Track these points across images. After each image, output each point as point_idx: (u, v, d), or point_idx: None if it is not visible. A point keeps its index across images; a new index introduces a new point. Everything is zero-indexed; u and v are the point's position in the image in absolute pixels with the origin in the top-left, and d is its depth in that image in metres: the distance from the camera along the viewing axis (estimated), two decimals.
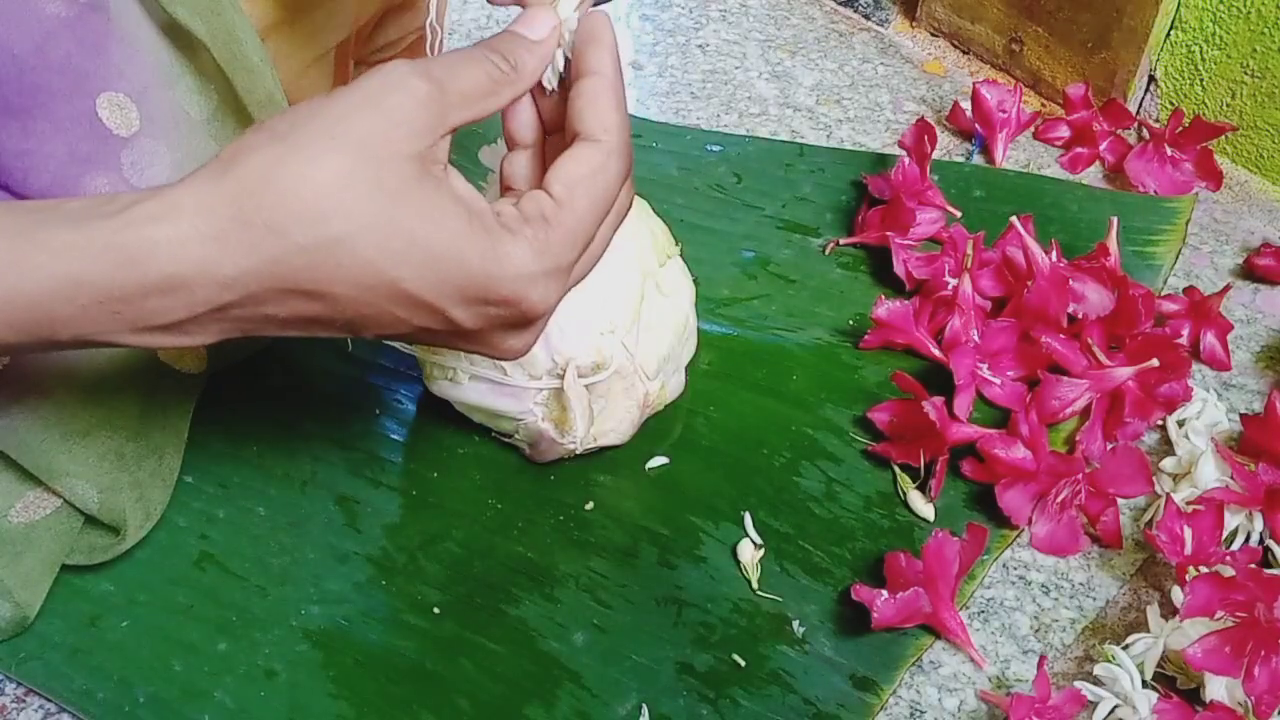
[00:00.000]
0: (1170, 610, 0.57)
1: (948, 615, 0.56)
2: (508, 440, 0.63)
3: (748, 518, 0.62)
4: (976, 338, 0.66)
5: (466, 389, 0.60)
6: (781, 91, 0.89)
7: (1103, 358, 0.65)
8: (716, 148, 0.82)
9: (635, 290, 0.60)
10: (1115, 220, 0.70)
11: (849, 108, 0.89)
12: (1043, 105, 0.89)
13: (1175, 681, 0.55)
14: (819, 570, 0.60)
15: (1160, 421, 0.66)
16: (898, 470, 0.63)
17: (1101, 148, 0.83)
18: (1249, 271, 0.76)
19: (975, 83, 0.84)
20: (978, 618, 0.59)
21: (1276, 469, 0.61)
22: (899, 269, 0.71)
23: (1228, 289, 0.69)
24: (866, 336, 0.69)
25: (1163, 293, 0.72)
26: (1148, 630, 0.56)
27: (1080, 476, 0.60)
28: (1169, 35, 0.83)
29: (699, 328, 0.65)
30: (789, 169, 0.81)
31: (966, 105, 0.85)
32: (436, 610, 0.58)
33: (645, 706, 0.55)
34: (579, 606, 0.58)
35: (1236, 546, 0.60)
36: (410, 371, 0.64)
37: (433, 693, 0.55)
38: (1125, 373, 0.64)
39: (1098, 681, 0.54)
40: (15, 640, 0.56)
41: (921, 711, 0.56)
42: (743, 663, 0.56)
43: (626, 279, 0.60)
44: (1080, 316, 0.67)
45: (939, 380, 0.65)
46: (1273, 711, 0.51)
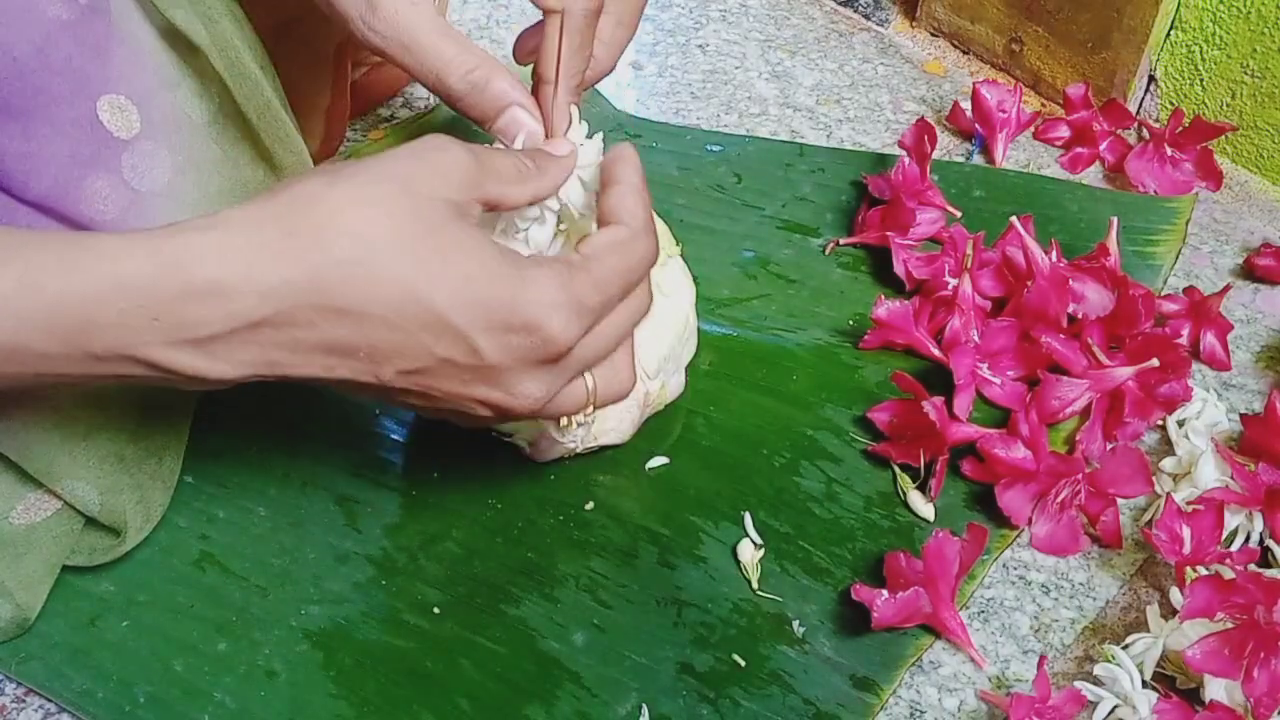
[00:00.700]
0: (1170, 610, 0.57)
1: (948, 615, 0.56)
2: (508, 440, 0.63)
3: (748, 518, 0.62)
4: (976, 338, 0.66)
5: None
6: (781, 91, 0.89)
7: (1103, 358, 0.65)
8: (716, 148, 0.82)
9: None
10: (1115, 220, 0.70)
11: (849, 108, 0.89)
12: (1043, 105, 0.89)
13: (1175, 681, 0.55)
14: (819, 570, 0.60)
15: (1160, 421, 0.66)
16: (898, 470, 0.63)
17: (1101, 148, 0.83)
18: (1249, 271, 0.76)
19: (975, 83, 0.84)
20: (978, 618, 0.59)
21: (1276, 469, 0.61)
22: (899, 269, 0.71)
23: (1228, 289, 0.69)
24: (866, 336, 0.69)
25: (1163, 293, 0.72)
26: (1148, 630, 0.56)
27: (1080, 476, 0.60)
28: (1169, 35, 0.83)
29: (699, 328, 0.65)
30: (789, 169, 0.81)
31: (966, 105, 0.85)
32: (436, 610, 0.58)
33: (645, 706, 0.55)
34: (579, 606, 0.58)
35: (1236, 546, 0.60)
36: None
37: (433, 693, 0.55)
38: (1125, 373, 0.64)
39: (1098, 681, 0.54)
40: (16, 640, 0.56)
41: (921, 711, 0.56)
42: (743, 663, 0.56)
43: None
44: (1080, 316, 0.67)
45: (939, 380, 0.65)
46: (1272, 713, 0.51)
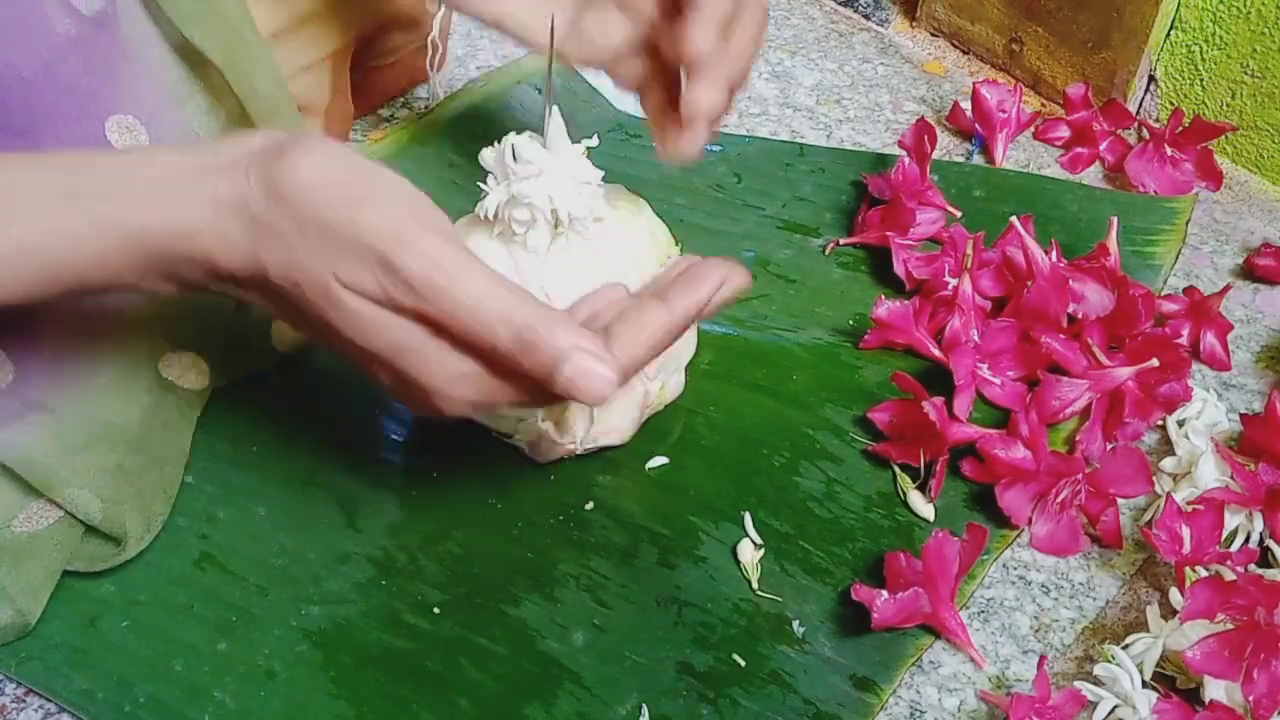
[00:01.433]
0: (1170, 610, 0.57)
1: (948, 615, 0.56)
2: (508, 440, 0.63)
3: (748, 518, 0.62)
4: (976, 338, 0.66)
5: None
6: (781, 91, 0.89)
7: (1103, 358, 0.65)
8: (716, 148, 0.82)
9: (635, 290, 0.60)
10: (1115, 220, 0.70)
11: (849, 108, 0.89)
12: (1043, 105, 0.89)
13: (1175, 681, 0.55)
14: (819, 570, 0.60)
15: (1160, 421, 0.66)
16: (898, 470, 0.63)
17: (1101, 148, 0.83)
18: (1249, 271, 0.76)
19: (975, 83, 0.84)
20: (978, 618, 0.59)
21: (1276, 469, 0.61)
22: (899, 269, 0.71)
23: (1228, 289, 0.69)
24: (866, 336, 0.69)
25: (1163, 293, 0.72)
26: (1148, 630, 0.56)
27: (1080, 476, 0.60)
28: (1169, 35, 0.83)
29: (699, 328, 0.65)
30: (789, 169, 0.81)
31: (966, 105, 0.85)
32: (436, 610, 0.58)
33: (645, 706, 0.55)
34: (579, 606, 0.58)
35: (1236, 547, 0.60)
36: None
37: (433, 693, 0.55)
38: (1125, 373, 0.64)
39: (1098, 681, 0.54)
40: (16, 641, 0.56)
41: (921, 711, 0.56)
42: (743, 663, 0.56)
43: (626, 279, 0.60)
44: (1080, 316, 0.67)
45: (939, 380, 0.65)
46: (1271, 714, 0.51)
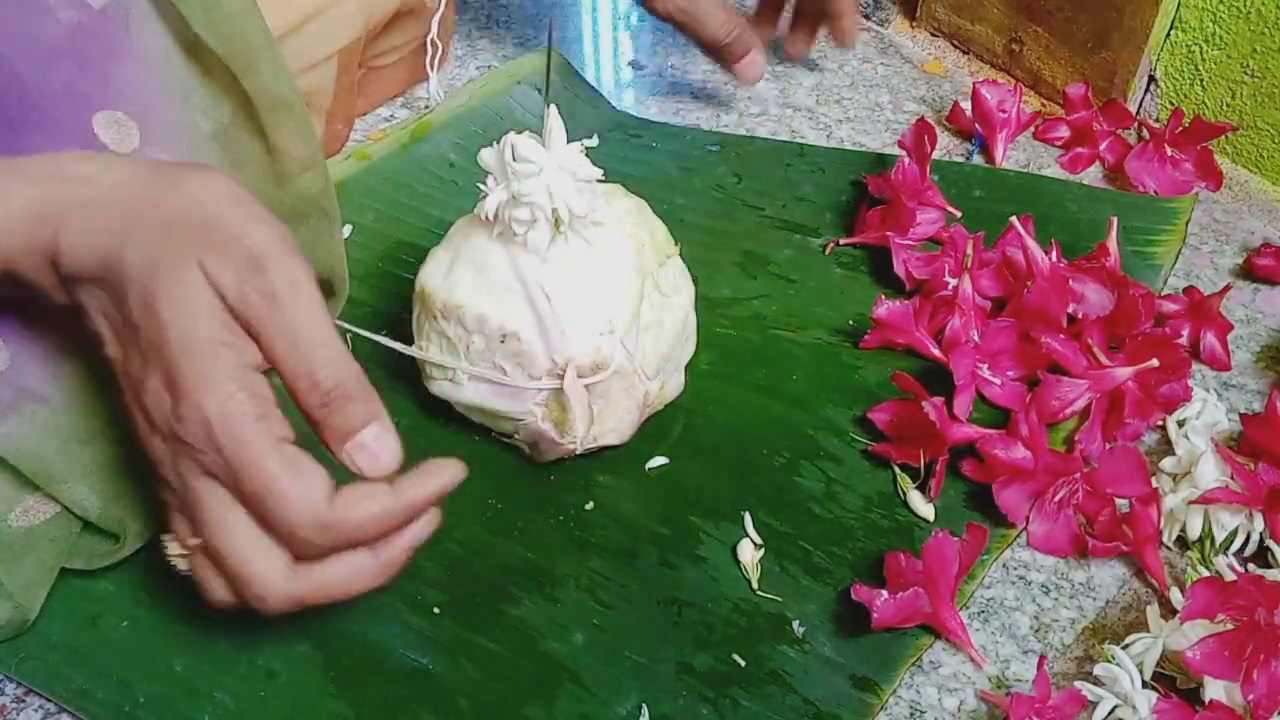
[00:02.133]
0: (1170, 610, 0.57)
1: (948, 615, 0.56)
2: (507, 440, 0.63)
3: (748, 518, 0.61)
4: (976, 338, 0.66)
5: (466, 390, 0.61)
6: (781, 91, 0.89)
7: (1103, 358, 0.65)
8: (716, 148, 0.82)
9: (635, 290, 0.60)
10: (1115, 220, 0.70)
11: (849, 108, 0.89)
12: (1043, 105, 0.90)
13: (1175, 681, 0.55)
14: (819, 570, 0.60)
15: (1160, 422, 0.66)
16: (897, 470, 0.63)
17: (1101, 148, 0.83)
18: (1249, 271, 0.76)
19: (975, 83, 0.84)
20: (978, 618, 0.59)
21: (1276, 469, 0.61)
22: (899, 269, 0.71)
23: (1228, 289, 0.69)
24: (866, 336, 0.69)
25: (1163, 293, 0.72)
26: (1148, 630, 0.56)
27: (1078, 476, 0.60)
28: (1169, 35, 0.83)
29: (699, 327, 0.65)
30: (789, 169, 0.81)
31: (966, 105, 0.85)
32: (436, 610, 0.58)
33: (645, 706, 0.55)
34: (579, 606, 0.58)
35: (1236, 547, 0.60)
36: (409, 372, 0.64)
37: (433, 693, 0.55)
38: (1125, 373, 0.64)
39: (1098, 681, 0.54)
40: (15, 640, 0.56)
41: (921, 711, 0.55)
42: (743, 663, 0.56)
43: (626, 279, 0.60)
44: (1080, 317, 0.67)
45: (939, 380, 0.65)
46: (1271, 715, 0.51)
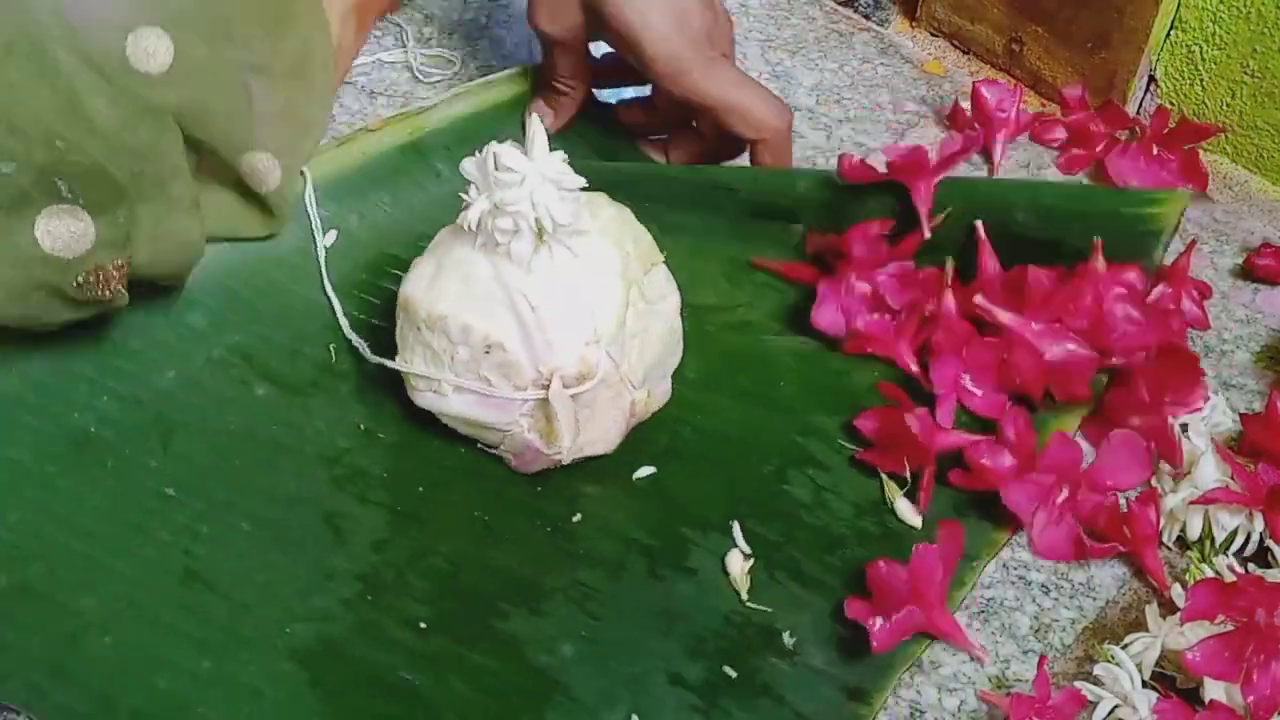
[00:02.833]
0: (1170, 610, 0.56)
1: (941, 620, 0.55)
2: (494, 452, 0.62)
3: (736, 527, 0.61)
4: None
5: (451, 401, 0.60)
6: (782, 91, 0.89)
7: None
8: None
9: (620, 299, 0.59)
10: (1099, 242, 0.67)
11: (849, 108, 0.88)
12: (1043, 105, 0.89)
13: (1175, 681, 0.55)
14: (809, 579, 0.59)
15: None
16: (885, 478, 0.62)
17: (1098, 149, 0.82)
18: (1249, 271, 0.76)
19: (975, 82, 0.83)
20: (978, 618, 0.58)
21: (1276, 469, 0.60)
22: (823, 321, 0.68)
23: (1194, 244, 0.69)
24: (847, 342, 0.67)
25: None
26: (1147, 630, 0.56)
27: (1078, 469, 0.59)
28: (1169, 35, 0.82)
29: (686, 333, 0.65)
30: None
31: (967, 105, 0.84)
32: (423, 625, 0.57)
33: (635, 718, 0.54)
34: (568, 619, 0.58)
35: (1236, 547, 0.60)
36: (394, 383, 0.64)
37: (421, 709, 0.54)
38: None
39: (1098, 681, 0.54)
40: None
41: (921, 711, 0.55)
42: (734, 674, 0.55)
43: (611, 287, 0.59)
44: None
45: (927, 384, 0.64)
46: (1271, 715, 0.51)
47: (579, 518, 0.61)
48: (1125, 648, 0.55)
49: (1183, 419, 0.64)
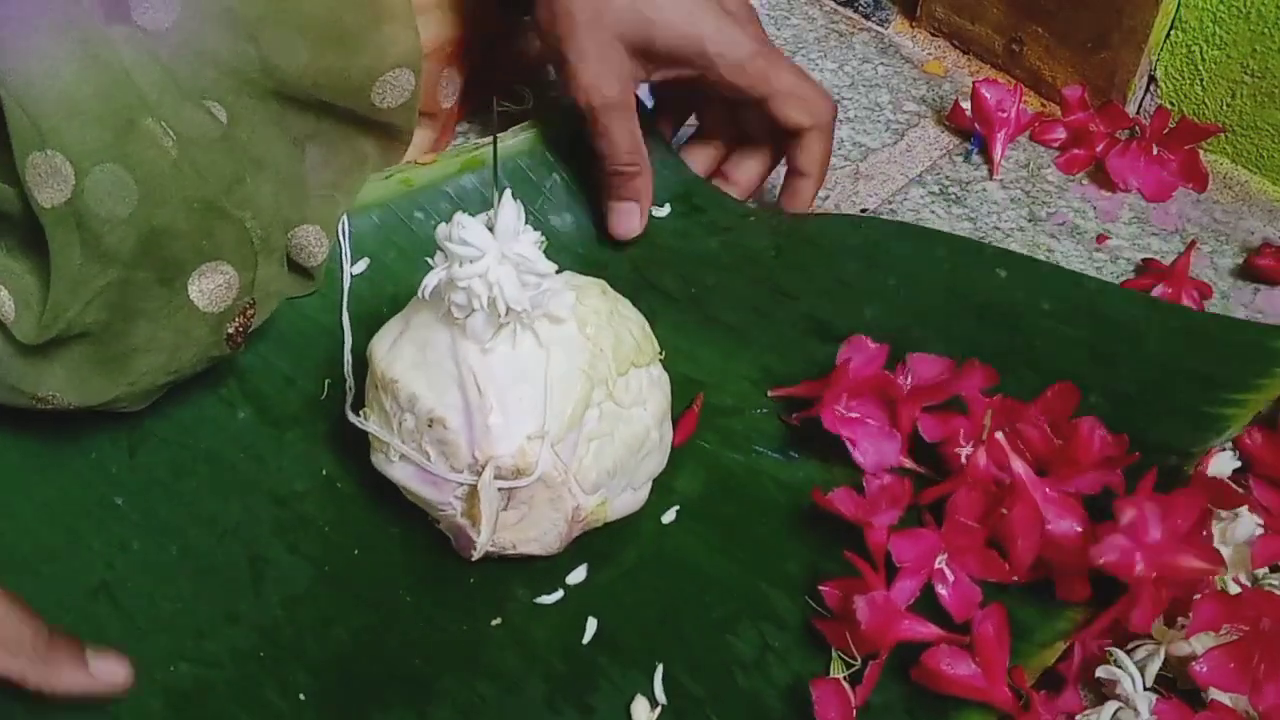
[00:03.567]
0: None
1: None
2: (437, 525, 0.59)
3: (659, 671, 0.54)
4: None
5: (396, 468, 0.57)
6: None
7: None
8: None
9: (576, 396, 0.54)
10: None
11: (849, 108, 0.88)
12: (1043, 105, 0.88)
13: (1175, 683, 0.53)
14: None
15: None
16: (835, 655, 0.54)
17: (1099, 149, 0.82)
18: (1249, 271, 0.76)
19: (975, 82, 0.83)
20: None
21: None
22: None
23: (1194, 244, 0.70)
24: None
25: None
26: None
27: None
28: (1169, 35, 0.82)
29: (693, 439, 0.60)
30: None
31: (967, 105, 0.84)
32: (303, 697, 0.54)
33: None
34: None
35: None
36: (366, 435, 0.61)
37: None
38: None
39: (1099, 683, 0.53)
40: None
41: None
42: None
43: (568, 384, 0.55)
44: None
45: None
46: None
47: (498, 621, 0.56)
48: (1130, 652, 0.53)
49: None
